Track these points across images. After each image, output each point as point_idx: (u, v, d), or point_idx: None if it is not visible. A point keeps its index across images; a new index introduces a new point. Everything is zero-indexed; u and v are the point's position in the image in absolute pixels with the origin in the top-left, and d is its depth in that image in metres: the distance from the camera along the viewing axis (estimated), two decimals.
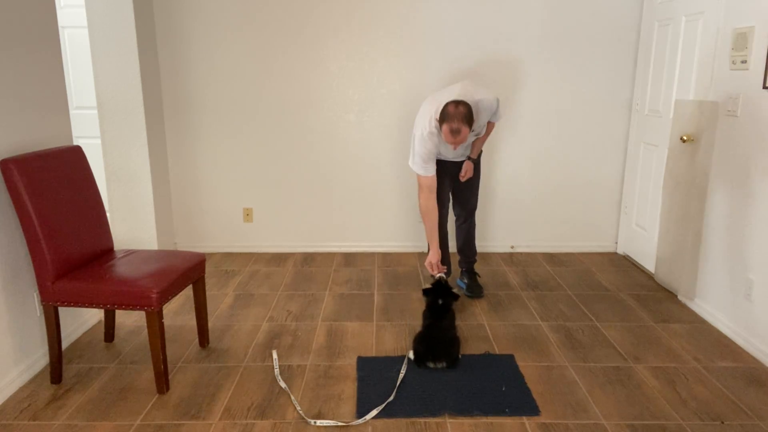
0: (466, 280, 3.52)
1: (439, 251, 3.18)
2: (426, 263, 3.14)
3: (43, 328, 2.61)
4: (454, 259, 3.77)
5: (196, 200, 4.21)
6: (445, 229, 3.38)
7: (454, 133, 2.82)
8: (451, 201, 3.46)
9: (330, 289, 3.54)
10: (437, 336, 2.64)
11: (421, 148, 3.00)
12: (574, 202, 4.19)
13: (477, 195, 3.46)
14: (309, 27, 3.92)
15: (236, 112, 4.05)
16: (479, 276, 3.61)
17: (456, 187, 3.39)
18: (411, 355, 2.66)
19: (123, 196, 3.85)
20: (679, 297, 3.37)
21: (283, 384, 2.46)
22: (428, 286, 2.90)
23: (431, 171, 3.06)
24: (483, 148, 3.58)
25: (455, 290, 2.92)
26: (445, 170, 3.29)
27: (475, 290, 3.43)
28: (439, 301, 2.78)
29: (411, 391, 2.40)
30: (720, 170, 3.01)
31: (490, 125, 3.28)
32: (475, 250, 3.55)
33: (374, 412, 2.24)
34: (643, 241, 3.86)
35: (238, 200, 4.21)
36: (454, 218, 3.53)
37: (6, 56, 2.38)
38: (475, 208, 3.48)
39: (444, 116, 2.85)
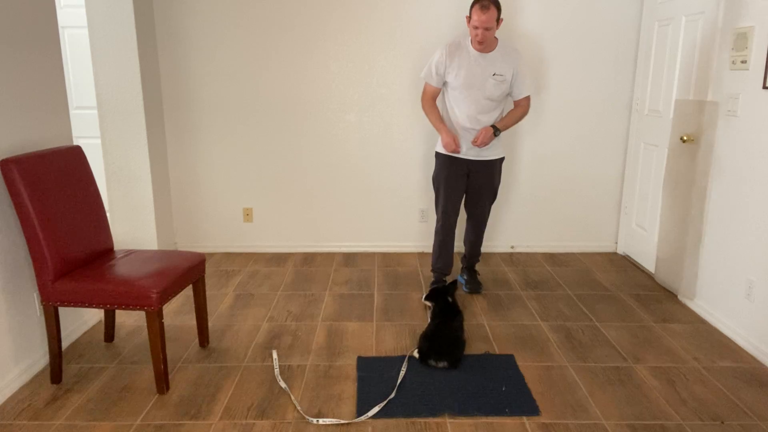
0: (465, 277, 3.56)
1: (451, 132, 3.20)
2: (444, 145, 3.18)
3: (43, 328, 2.60)
4: (456, 258, 3.78)
5: (196, 200, 4.21)
6: (452, 237, 3.37)
7: (484, 8, 2.94)
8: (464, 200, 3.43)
9: (330, 289, 3.54)
10: (443, 335, 2.64)
11: (437, 56, 3.18)
12: (574, 202, 4.19)
13: (491, 200, 3.40)
14: (309, 27, 3.92)
15: (236, 112, 4.05)
16: (479, 273, 3.63)
17: (470, 192, 3.35)
18: (416, 353, 2.66)
19: (123, 196, 3.85)
20: (679, 297, 3.37)
21: (283, 384, 2.46)
22: (427, 293, 2.93)
23: (434, 82, 3.22)
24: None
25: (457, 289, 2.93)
26: (458, 174, 3.26)
27: (473, 286, 3.47)
28: (449, 299, 2.80)
29: (411, 390, 2.40)
30: (720, 170, 3.01)
31: (521, 104, 3.24)
32: (480, 251, 3.58)
33: (376, 409, 2.24)
34: (643, 241, 3.86)
35: (238, 200, 4.21)
36: (466, 216, 3.48)
37: (6, 56, 2.38)
38: (485, 212, 3.41)
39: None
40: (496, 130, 3.16)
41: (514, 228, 4.23)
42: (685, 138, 3.19)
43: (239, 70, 3.98)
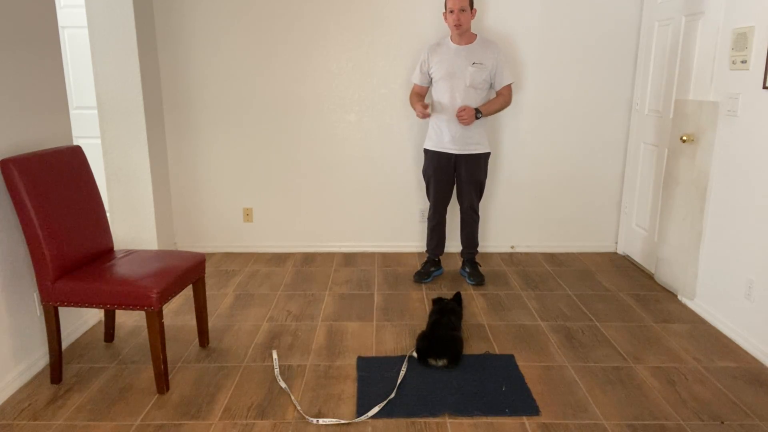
0: (468, 269, 3.62)
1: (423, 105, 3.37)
2: (419, 114, 3.33)
3: (43, 328, 2.60)
4: (454, 258, 3.78)
5: (196, 200, 4.21)
6: (443, 223, 3.61)
7: None
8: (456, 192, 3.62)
9: (330, 289, 3.54)
10: (440, 334, 2.65)
11: (421, 57, 3.50)
12: (574, 202, 4.19)
13: (477, 193, 3.55)
14: (309, 27, 3.92)
15: (236, 112, 4.05)
16: (480, 265, 3.70)
17: (457, 185, 3.54)
18: (415, 354, 2.66)
19: (123, 196, 3.85)
20: (679, 297, 3.37)
21: (283, 384, 2.46)
22: (441, 297, 2.99)
23: (418, 81, 3.53)
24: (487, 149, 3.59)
25: (461, 291, 2.98)
26: (445, 167, 3.47)
27: (477, 278, 3.54)
28: (446, 300, 2.85)
29: (411, 390, 2.40)
30: (720, 170, 3.01)
31: (502, 93, 3.42)
32: (477, 242, 3.64)
33: (376, 409, 2.24)
34: (643, 241, 3.86)
35: (238, 200, 4.21)
36: (459, 208, 3.63)
37: (6, 56, 2.38)
38: (473, 203, 3.55)
39: None
40: (477, 112, 3.33)
41: (514, 228, 4.23)
42: (685, 138, 3.19)
43: (239, 70, 3.98)
